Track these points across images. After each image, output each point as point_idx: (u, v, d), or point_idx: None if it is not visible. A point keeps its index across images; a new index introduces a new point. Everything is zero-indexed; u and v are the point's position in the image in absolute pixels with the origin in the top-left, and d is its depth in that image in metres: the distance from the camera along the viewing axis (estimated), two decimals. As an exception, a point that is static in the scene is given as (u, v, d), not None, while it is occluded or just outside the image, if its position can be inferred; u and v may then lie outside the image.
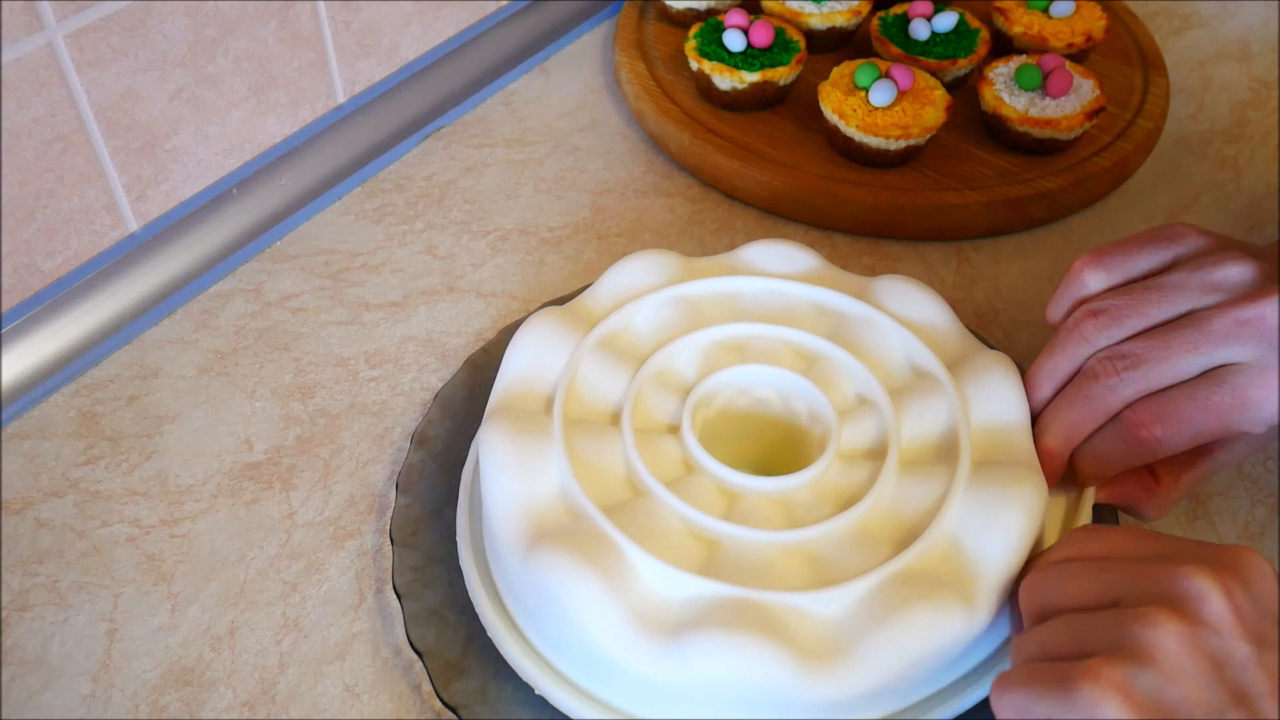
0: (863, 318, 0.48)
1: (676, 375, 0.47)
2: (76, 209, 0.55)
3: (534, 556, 0.39)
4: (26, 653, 0.45)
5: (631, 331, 0.48)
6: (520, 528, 0.41)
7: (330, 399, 0.55)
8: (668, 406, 0.46)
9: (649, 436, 0.44)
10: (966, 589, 0.39)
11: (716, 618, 0.37)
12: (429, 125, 0.70)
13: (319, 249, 0.63)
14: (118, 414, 0.54)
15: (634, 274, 0.50)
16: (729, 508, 0.42)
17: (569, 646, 0.40)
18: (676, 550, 0.40)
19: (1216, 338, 0.41)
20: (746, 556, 0.40)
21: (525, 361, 0.46)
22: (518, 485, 0.41)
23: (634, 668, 0.38)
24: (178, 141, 0.59)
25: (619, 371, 0.46)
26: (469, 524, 0.45)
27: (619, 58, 0.73)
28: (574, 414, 0.45)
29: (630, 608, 0.38)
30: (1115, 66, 0.73)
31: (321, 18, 0.63)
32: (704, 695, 0.38)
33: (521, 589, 0.41)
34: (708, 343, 0.48)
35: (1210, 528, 0.50)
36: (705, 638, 0.37)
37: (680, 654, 0.37)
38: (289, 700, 0.44)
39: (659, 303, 0.49)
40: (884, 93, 0.63)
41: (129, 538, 0.49)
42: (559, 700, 0.40)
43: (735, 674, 0.36)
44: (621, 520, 0.40)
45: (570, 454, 0.42)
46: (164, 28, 0.55)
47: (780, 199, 0.64)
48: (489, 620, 0.42)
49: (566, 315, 0.48)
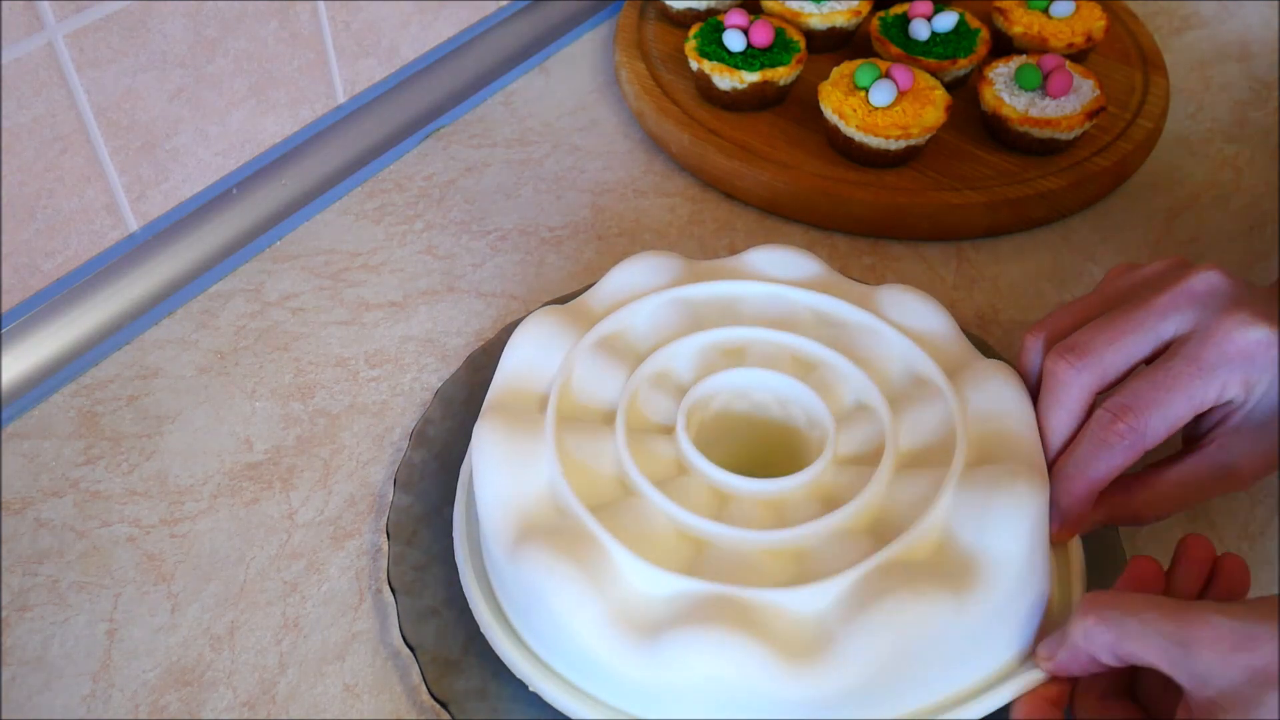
0: (864, 325, 0.48)
1: (674, 376, 0.47)
2: (76, 209, 0.55)
3: (520, 553, 0.39)
4: (26, 653, 0.45)
5: (630, 332, 0.48)
6: (509, 525, 0.41)
7: (330, 399, 0.55)
8: (663, 407, 0.46)
9: (643, 436, 0.44)
10: (958, 578, 0.38)
11: (696, 615, 0.37)
12: (429, 125, 0.70)
13: (319, 249, 0.63)
14: (118, 414, 0.54)
15: (636, 275, 0.50)
16: (720, 509, 0.42)
17: (558, 644, 0.40)
18: (662, 549, 0.40)
19: (1157, 311, 0.42)
20: (733, 556, 0.40)
21: (523, 359, 0.46)
22: (508, 482, 0.42)
23: (617, 666, 0.38)
24: (178, 141, 0.59)
25: (615, 371, 0.46)
26: (466, 522, 0.45)
27: (619, 58, 0.73)
28: (568, 412, 0.45)
29: (612, 606, 0.38)
30: (1115, 66, 0.73)
31: (321, 18, 0.63)
32: (688, 694, 0.37)
33: (511, 586, 0.41)
34: (706, 345, 0.48)
35: (1210, 528, 0.50)
36: (684, 635, 0.37)
37: (660, 652, 0.37)
38: (289, 700, 0.44)
39: (659, 304, 0.49)
40: (884, 93, 0.63)
41: (129, 538, 0.49)
42: (554, 698, 0.40)
43: (714, 671, 0.36)
44: (608, 519, 0.40)
45: (560, 452, 0.42)
46: (164, 28, 0.55)
47: (780, 199, 0.64)
48: (483, 617, 0.42)
49: (566, 314, 0.48)
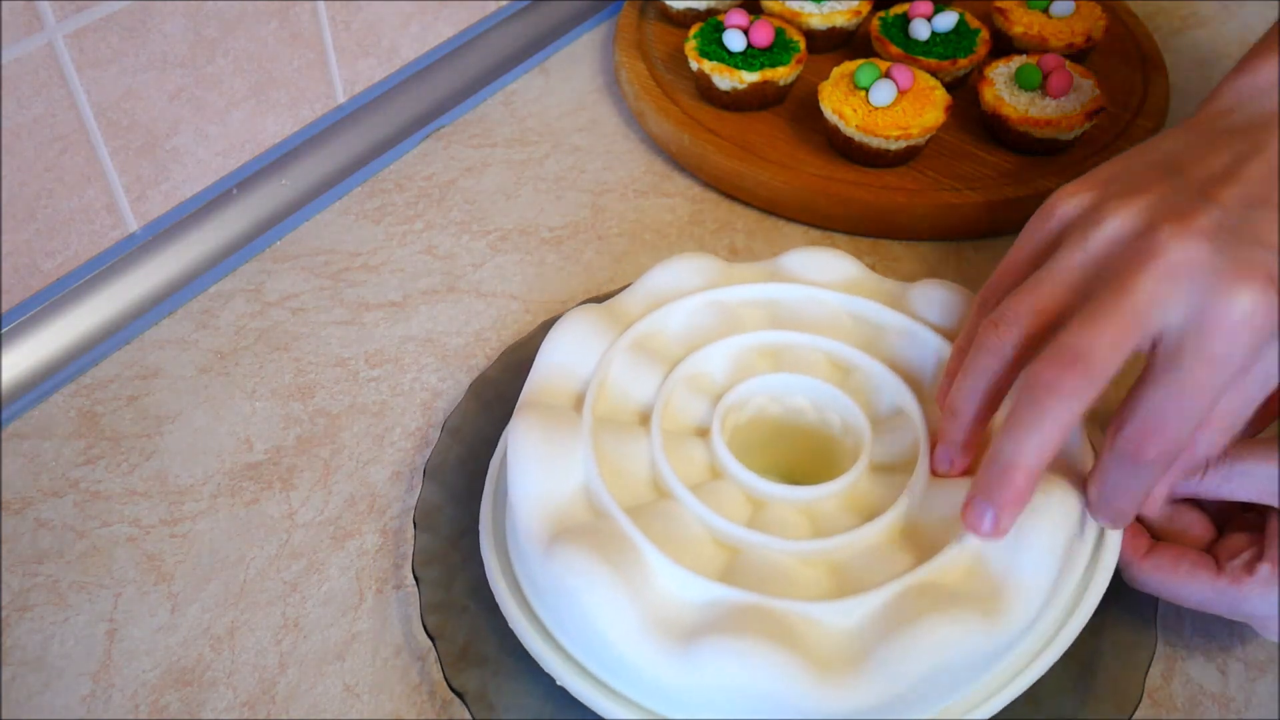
0: (900, 328, 0.48)
1: (709, 379, 0.47)
2: (76, 209, 0.55)
3: (554, 552, 0.39)
4: (26, 653, 0.45)
5: (666, 333, 0.48)
6: (543, 522, 0.41)
7: (330, 399, 0.55)
8: (698, 410, 0.46)
9: (677, 439, 0.44)
10: (989, 603, 0.38)
11: (730, 624, 0.37)
12: (429, 125, 0.70)
13: (319, 249, 0.63)
14: (118, 414, 0.54)
15: (673, 276, 0.50)
16: (754, 515, 0.42)
17: (586, 642, 0.40)
18: (696, 554, 0.40)
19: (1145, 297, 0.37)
20: (767, 564, 0.40)
21: (559, 357, 0.46)
22: (543, 480, 0.41)
23: (646, 669, 0.38)
24: (178, 141, 0.59)
25: (651, 372, 0.46)
26: (492, 514, 0.45)
27: (619, 58, 0.73)
28: (604, 412, 0.45)
29: (645, 609, 0.38)
30: (1115, 66, 0.73)
31: (321, 18, 0.63)
32: (716, 700, 0.37)
33: (541, 582, 0.41)
34: (743, 348, 0.47)
35: (1210, 528, 0.49)
36: (717, 644, 0.37)
37: (692, 659, 0.37)
38: (289, 700, 0.44)
39: (695, 306, 0.49)
40: (884, 93, 0.63)
41: (129, 538, 0.49)
42: (581, 693, 0.40)
43: (746, 681, 0.36)
44: (643, 521, 0.40)
45: (597, 452, 0.42)
46: (164, 28, 0.55)
47: (780, 199, 0.64)
48: (510, 611, 0.42)
49: (604, 313, 0.48)
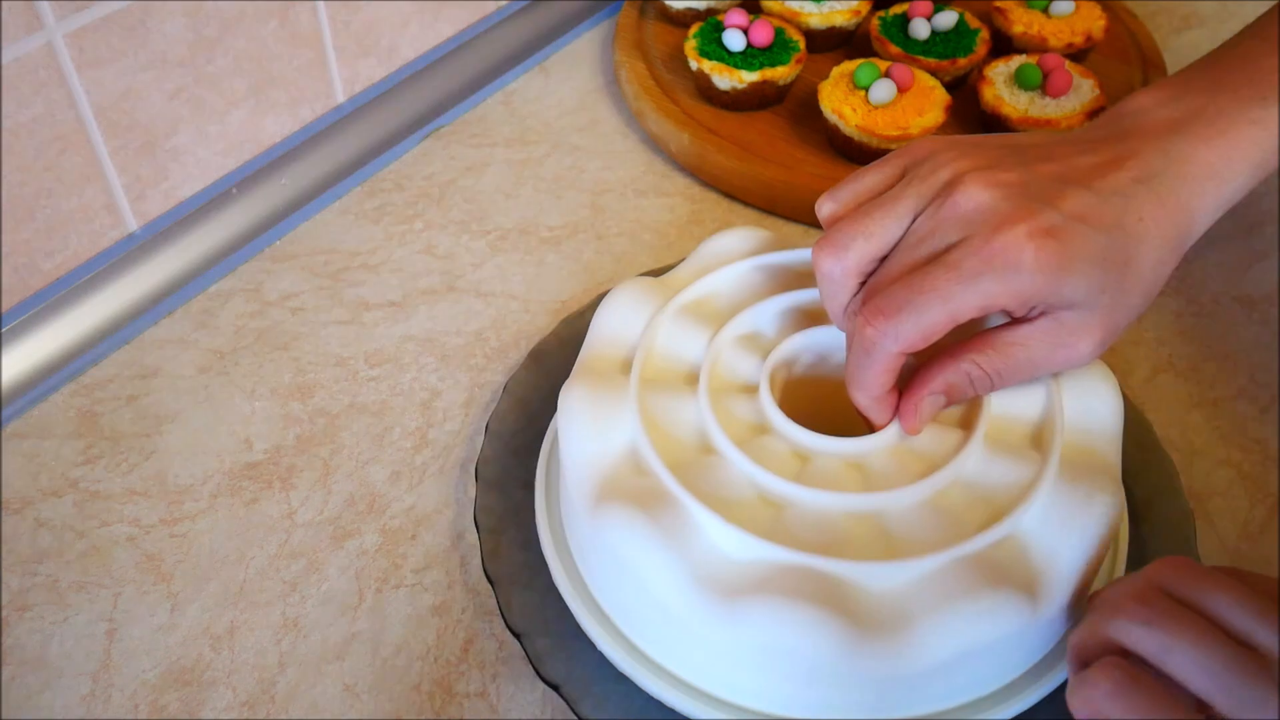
0: None
1: (758, 337, 0.47)
2: (76, 209, 0.55)
3: (600, 511, 0.40)
4: (26, 653, 0.45)
5: (716, 298, 0.48)
6: (591, 483, 0.41)
7: (330, 399, 0.55)
8: (746, 367, 0.45)
9: (724, 396, 0.44)
10: (1032, 585, 0.38)
11: (776, 584, 0.37)
12: (429, 125, 0.70)
13: (319, 249, 0.63)
14: (117, 414, 0.54)
15: (724, 246, 0.50)
16: (801, 469, 0.41)
17: (632, 603, 0.41)
18: (742, 510, 0.40)
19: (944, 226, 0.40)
20: (814, 519, 0.39)
21: (611, 324, 0.47)
22: (591, 441, 0.42)
23: (690, 626, 0.38)
24: (177, 141, 0.59)
25: (700, 334, 0.46)
26: (546, 474, 0.47)
27: (619, 57, 0.73)
28: (651, 375, 0.45)
29: (691, 566, 0.38)
30: (1115, 66, 0.73)
31: (321, 17, 0.63)
32: (758, 658, 0.38)
33: (587, 543, 0.42)
34: (792, 306, 0.47)
35: (1210, 528, 0.49)
36: (763, 603, 0.37)
37: (737, 616, 0.37)
38: (289, 700, 0.44)
39: (744, 270, 0.49)
40: (884, 92, 0.63)
41: (129, 537, 0.49)
42: (618, 661, 0.41)
43: (789, 642, 0.36)
44: (689, 479, 0.40)
45: (643, 412, 0.43)
46: (164, 28, 0.55)
47: (780, 199, 0.64)
48: (559, 579, 0.44)
49: (655, 283, 0.48)
